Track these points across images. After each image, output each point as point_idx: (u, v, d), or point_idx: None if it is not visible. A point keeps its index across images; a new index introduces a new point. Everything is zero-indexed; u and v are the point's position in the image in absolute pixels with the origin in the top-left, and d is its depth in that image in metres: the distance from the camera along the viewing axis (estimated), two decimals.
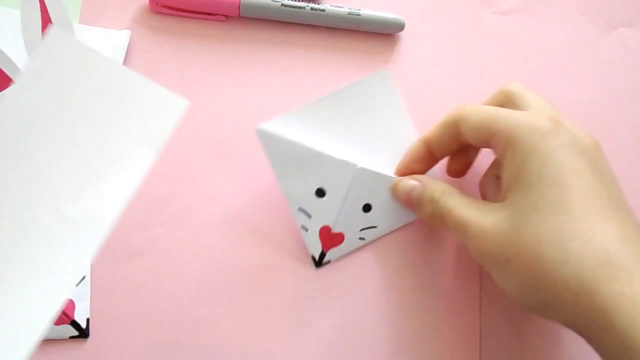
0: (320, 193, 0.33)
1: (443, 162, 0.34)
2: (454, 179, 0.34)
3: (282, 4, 0.36)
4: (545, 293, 0.25)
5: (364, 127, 0.34)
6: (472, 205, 0.28)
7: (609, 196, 0.25)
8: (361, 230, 0.34)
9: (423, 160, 0.32)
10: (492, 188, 0.31)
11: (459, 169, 0.33)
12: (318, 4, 0.36)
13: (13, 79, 0.33)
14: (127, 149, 0.25)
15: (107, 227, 0.24)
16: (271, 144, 0.32)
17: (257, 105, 0.36)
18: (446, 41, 0.38)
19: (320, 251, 0.33)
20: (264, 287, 0.33)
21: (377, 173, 0.33)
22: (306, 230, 0.33)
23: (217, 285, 0.33)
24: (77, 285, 0.32)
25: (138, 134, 0.25)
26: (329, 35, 0.37)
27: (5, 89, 0.33)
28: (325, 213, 0.33)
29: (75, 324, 0.32)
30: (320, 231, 0.33)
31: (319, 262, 0.34)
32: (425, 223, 0.35)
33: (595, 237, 0.24)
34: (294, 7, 0.36)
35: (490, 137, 0.27)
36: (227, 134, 0.35)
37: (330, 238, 0.33)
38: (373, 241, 0.34)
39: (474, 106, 0.29)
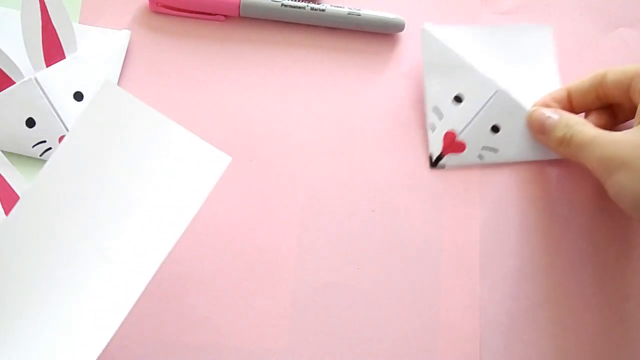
0: (458, 100, 0.35)
1: None
2: None
3: (282, 4, 0.36)
4: None
5: (511, 68, 0.36)
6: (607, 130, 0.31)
7: None
8: (483, 148, 0.35)
9: (560, 103, 0.34)
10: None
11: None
12: (318, 4, 0.36)
13: (13, 79, 0.33)
14: (171, 200, 0.26)
15: (150, 272, 0.25)
16: (430, 43, 0.36)
17: (257, 105, 0.36)
18: None
19: (439, 152, 0.35)
20: (262, 288, 0.33)
21: (515, 100, 0.35)
22: (433, 129, 0.35)
23: (217, 285, 0.33)
24: None
25: (182, 186, 0.26)
26: (329, 35, 0.37)
27: (5, 89, 0.33)
28: (456, 119, 0.35)
29: None
30: (445, 134, 0.35)
31: (435, 163, 0.35)
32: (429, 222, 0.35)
33: None
34: (294, 7, 0.36)
35: (637, 75, 0.31)
36: (227, 134, 0.35)
37: (452, 143, 0.35)
38: (489, 165, 0.36)
39: None
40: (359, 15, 0.36)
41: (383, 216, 0.35)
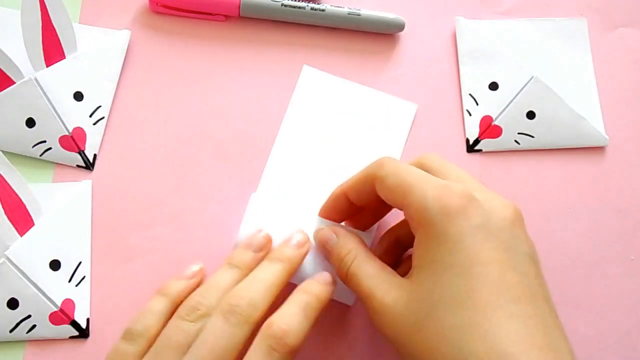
0: (494, 87, 0.36)
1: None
2: None
3: (282, 4, 0.36)
4: None
5: (547, 56, 0.37)
6: (378, 275, 0.27)
7: (522, 284, 0.23)
8: (519, 133, 0.36)
9: (342, 210, 0.30)
10: (392, 250, 0.31)
11: (367, 223, 0.32)
12: (318, 4, 0.36)
13: (13, 79, 0.33)
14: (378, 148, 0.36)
15: None
16: (465, 34, 0.37)
17: (257, 105, 0.36)
18: (446, 41, 0.38)
19: (476, 137, 0.36)
20: None
21: (549, 88, 0.36)
22: (470, 114, 0.36)
23: None
24: (77, 285, 0.32)
25: (383, 135, 0.36)
26: (329, 35, 0.37)
27: (5, 89, 0.33)
28: (492, 105, 0.36)
29: (75, 324, 0.32)
30: (482, 119, 0.36)
31: (471, 147, 0.36)
32: None
33: (496, 337, 0.22)
34: (294, 7, 0.36)
35: (402, 207, 0.26)
36: (227, 134, 0.35)
37: (488, 128, 0.36)
38: (527, 151, 0.36)
39: (391, 166, 0.27)
40: (359, 15, 0.36)
41: None
